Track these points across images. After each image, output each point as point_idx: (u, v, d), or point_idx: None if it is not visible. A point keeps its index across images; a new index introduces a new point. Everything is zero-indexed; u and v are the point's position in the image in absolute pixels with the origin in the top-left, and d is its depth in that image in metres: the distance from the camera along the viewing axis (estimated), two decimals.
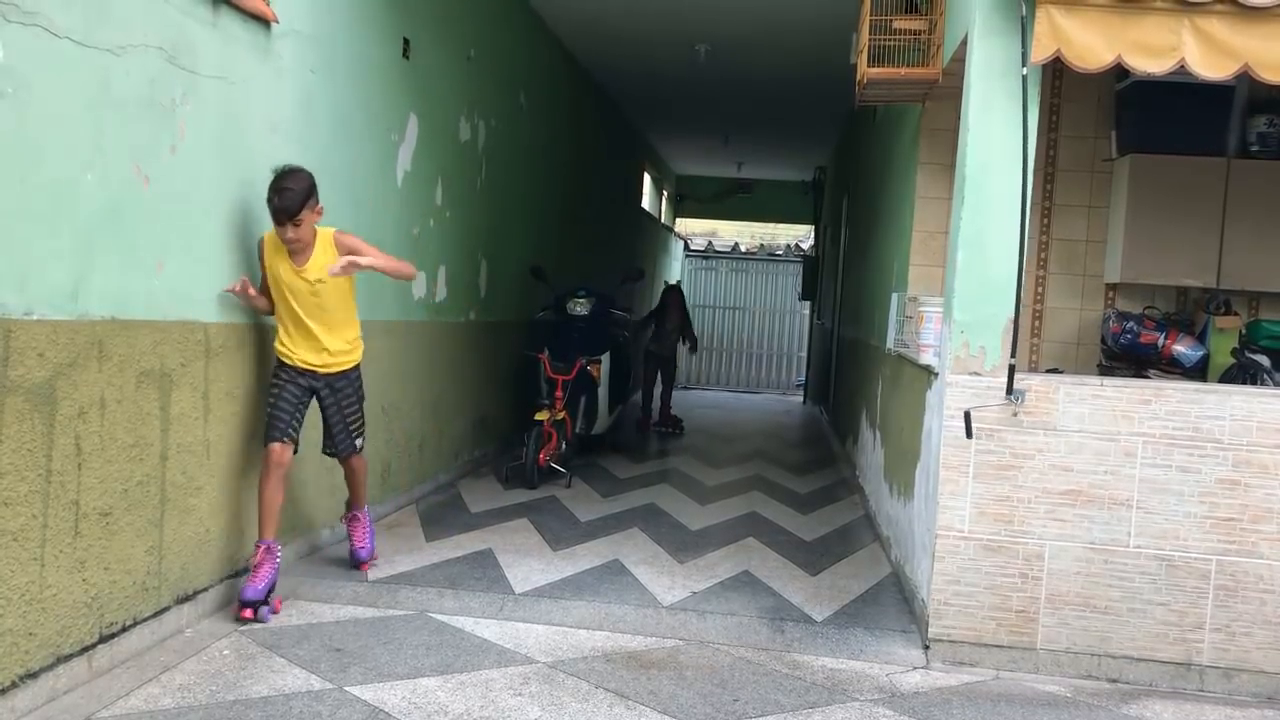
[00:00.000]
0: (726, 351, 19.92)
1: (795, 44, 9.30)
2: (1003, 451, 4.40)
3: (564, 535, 6.20)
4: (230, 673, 3.88)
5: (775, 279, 20.09)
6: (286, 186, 4.30)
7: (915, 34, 5.47)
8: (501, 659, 4.22)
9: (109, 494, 3.73)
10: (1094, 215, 6.10)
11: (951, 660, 4.46)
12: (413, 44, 6.22)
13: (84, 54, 3.47)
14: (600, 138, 12.49)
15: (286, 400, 4.56)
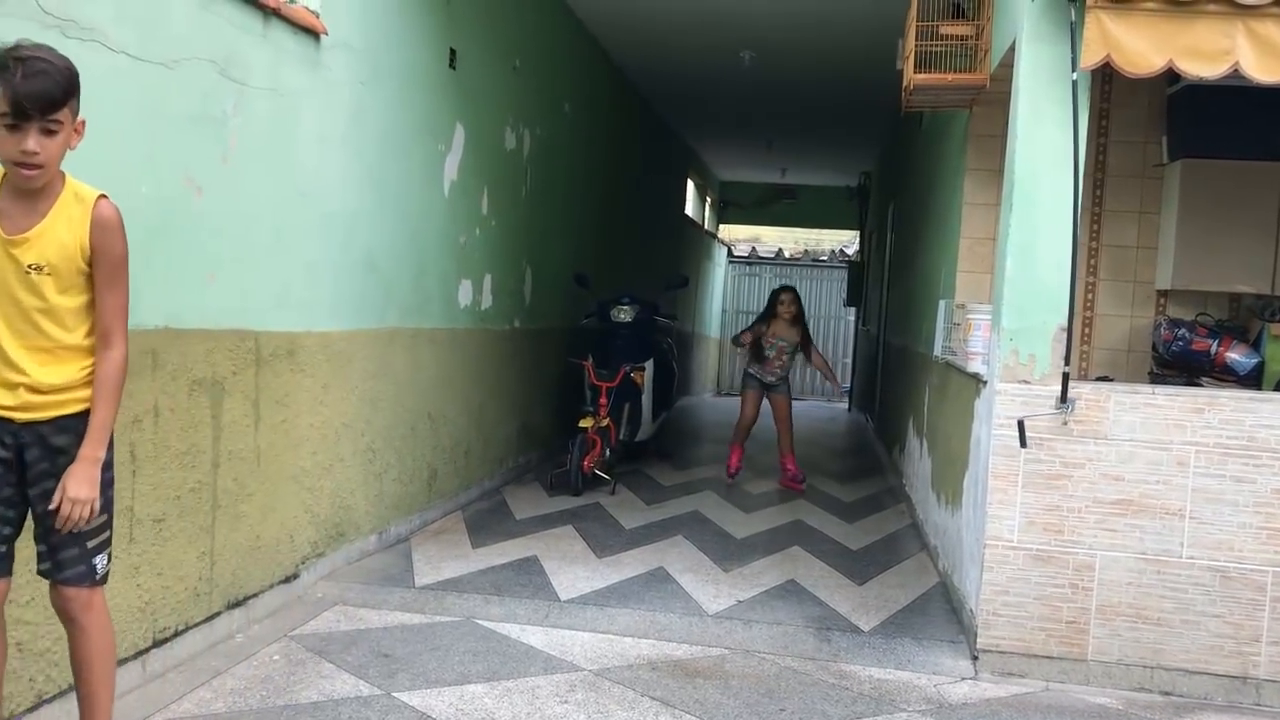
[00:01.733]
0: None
1: (840, 49, 9.27)
2: (1053, 461, 4.35)
3: (609, 542, 6.21)
4: (280, 678, 3.93)
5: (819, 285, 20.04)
6: (41, 58, 2.53)
7: (962, 39, 5.43)
8: (548, 666, 4.23)
9: (162, 500, 3.78)
10: (1145, 221, 6.02)
11: (1000, 671, 4.42)
12: (459, 54, 6.27)
13: (139, 68, 3.53)
14: (643, 145, 12.51)
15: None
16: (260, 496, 4.44)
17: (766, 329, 8.43)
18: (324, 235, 4.84)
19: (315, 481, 4.90)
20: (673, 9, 8.51)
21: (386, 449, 5.66)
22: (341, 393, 5.07)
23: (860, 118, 12.17)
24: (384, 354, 5.53)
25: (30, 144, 2.50)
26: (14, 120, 2.50)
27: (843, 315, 19.33)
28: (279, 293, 4.49)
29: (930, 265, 7.62)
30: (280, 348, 4.51)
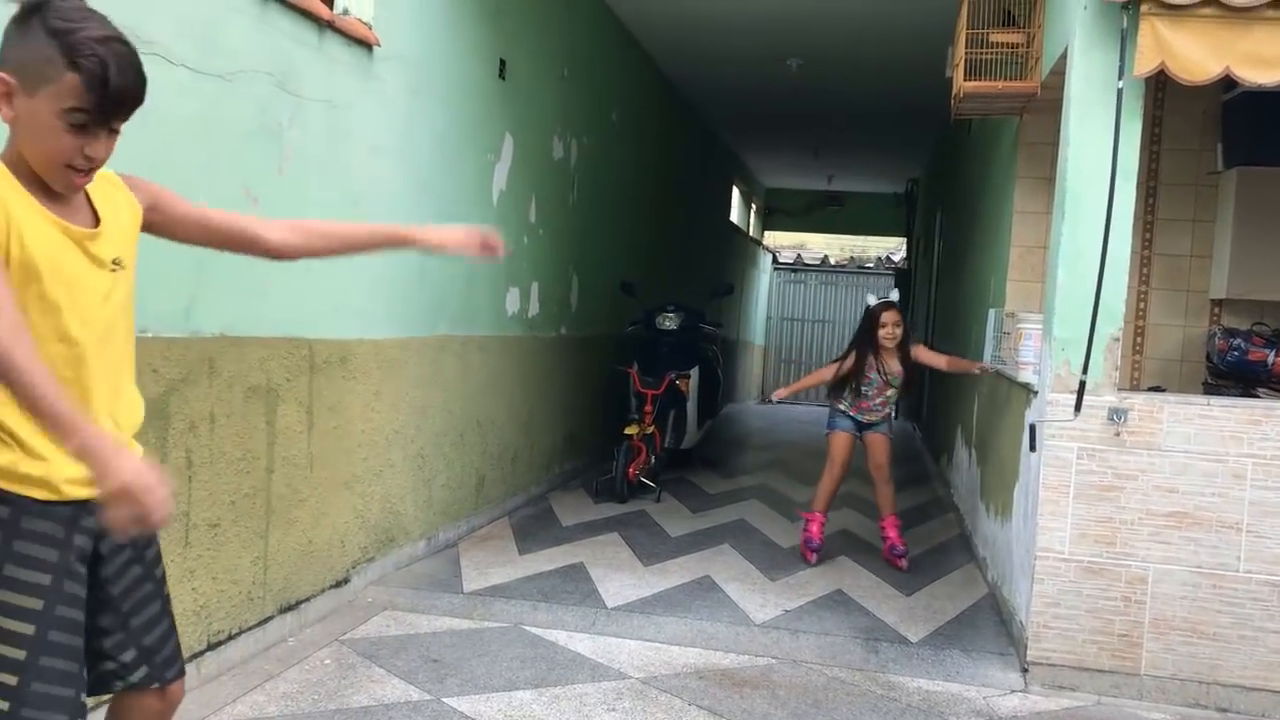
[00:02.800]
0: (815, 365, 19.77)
1: (888, 56, 9.24)
2: (1105, 472, 4.30)
3: (654, 550, 6.22)
4: (331, 682, 3.97)
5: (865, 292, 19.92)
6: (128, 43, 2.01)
7: (1013, 47, 5.39)
8: (595, 674, 4.24)
9: (217, 505, 3.85)
10: (1199, 229, 5.94)
11: (1051, 684, 4.37)
12: (509, 64, 6.32)
13: (197, 80, 3.60)
14: (690, 152, 12.53)
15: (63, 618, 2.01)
16: (313, 502, 4.50)
17: (863, 360, 6.17)
18: None
19: (366, 487, 4.95)
20: (720, 17, 8.52)
21: (436, 455, 5.71)
22: (392, 399, 5.13)
23: (908, 124, 12.12)
24: (434, 361, 5.58)
25: (100, 149, 2.01)
26: (92, 120, 1.96)
27: None
28: (333, 301, 4.54)
29: (979, 273, 7.56)
30: (333, 355, 4.57)
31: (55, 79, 1.91)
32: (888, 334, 6.09)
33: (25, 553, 1.95)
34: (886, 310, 6.17)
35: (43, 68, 1.92)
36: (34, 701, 1.92)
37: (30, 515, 1.96)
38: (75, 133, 1.95)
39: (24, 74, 1.93)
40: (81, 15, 1.96)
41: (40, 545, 1.96)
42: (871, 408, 6.22)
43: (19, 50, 1.94)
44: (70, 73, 1.91)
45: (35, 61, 1.92)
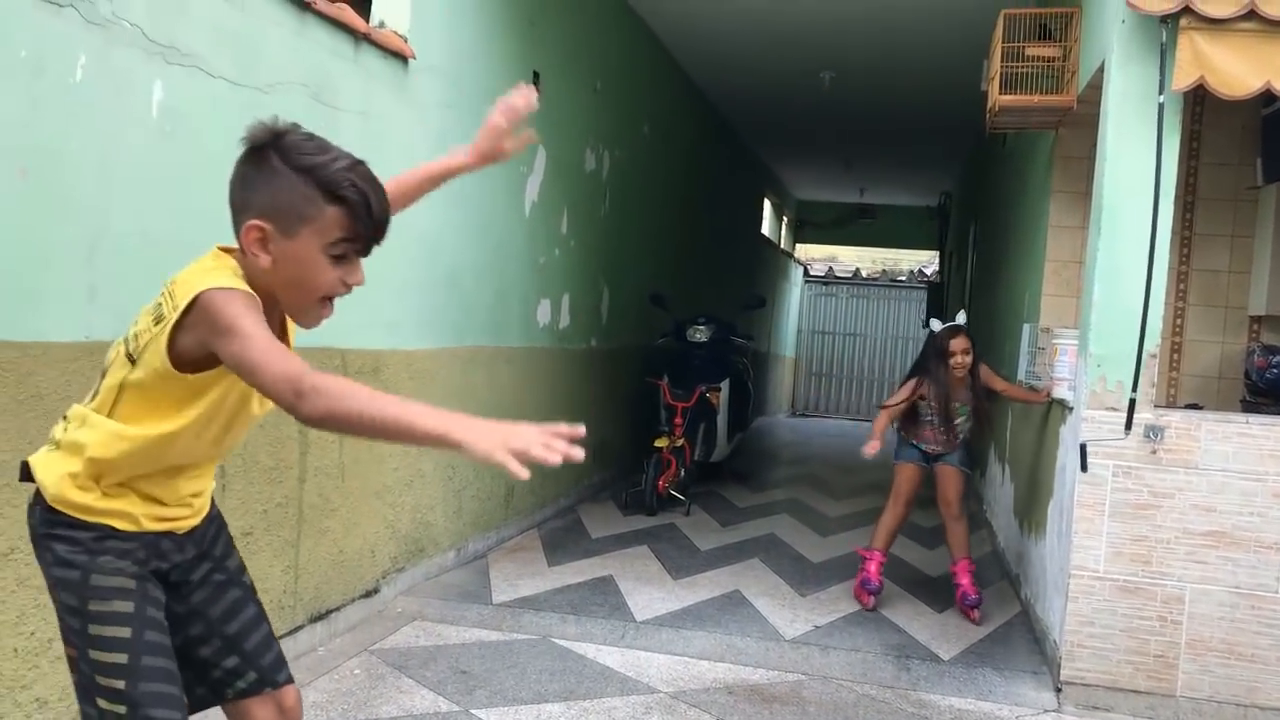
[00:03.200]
0: (846, 379, 19.70)
1: (922, 69, 9.21)
2: (1141, 490, 4.25)
3: (684, 564, 6.20)
4: (361, 692, 3.98)
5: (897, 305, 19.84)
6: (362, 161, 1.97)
7: (1049, 61, 5.36)
8: (624, 687, 4.23)
9: (250, 514, 3.87)
10: (1237, 245, 5.87)
11: (1085, 704, 4.32)
12: (542, 77, 6.34)
13: (236, 93, 3.63)
14: (721, 164, 12.52)
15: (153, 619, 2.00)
16: (344, 511, 4.51)
17: (931, 392, 5.53)
18: (410, 255, 4.92)
19: (396, 497, 4.97)
20: (754, 30, 8.53)
21: (465, 466, 5.72)
22: None
23: (941, 138, 12.07)
24: (465, 372, 5.60)
25: (360, 275, 2.00)
26: (357, 249, 1.97)
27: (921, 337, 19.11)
28: (366, 311, 4.56)
29: (1014, 287, 7.51)
30: (366, 365, 4.59)
31: (316, 216, 1.88)
32: (959, 364, 5.41)
33: (109, 565, 1.97)
34: (954, 337, 5.44)
35: (300, 207, 1.87)
36: (147, 700, 1.94)
37: (111, 538, 1.98)
38: (336, 264, 1.94)
39: (280, 217, 1.87)
40: (318, 147, 1.92)
41: (120, 559, 1.98)
42: (938, 438, 5.60)
43: (268, 194, 1.88)
44: (332, 207, 1.88)
45: (291, 202, 1.87)
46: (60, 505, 1.96)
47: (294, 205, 1.86)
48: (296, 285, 1.93)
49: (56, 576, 1.96)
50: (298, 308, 1.99)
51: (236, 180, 1.93)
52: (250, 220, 1.88)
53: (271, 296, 1.95)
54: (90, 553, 1.96)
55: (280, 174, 1.87)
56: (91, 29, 3.00)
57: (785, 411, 19.01)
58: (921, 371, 5.58)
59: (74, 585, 1.95)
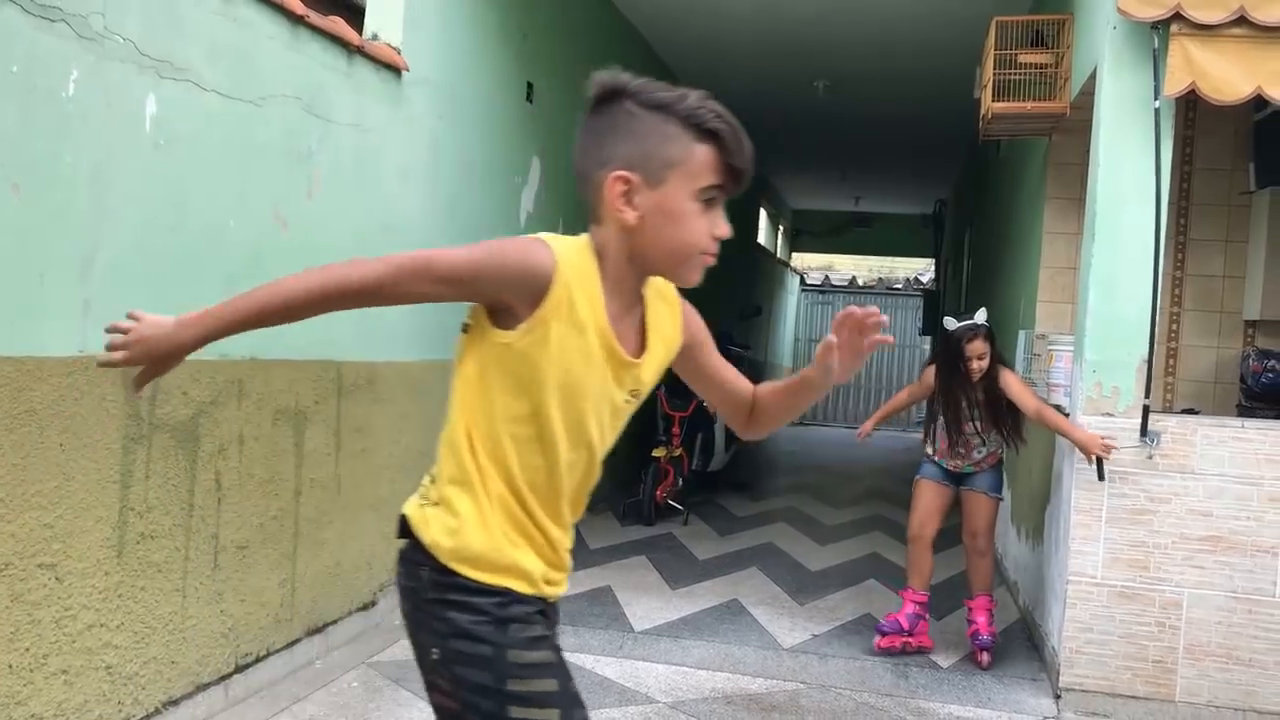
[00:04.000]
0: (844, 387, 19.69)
1: (916, 77, 9.23)
2: (1137, 495, 4.25)
3: (682, 574, 6.20)
4: (358, 704, 3.97)
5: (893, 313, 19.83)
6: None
7: (1041, 68, 5.38)
8: (623, 698, 4.22)
9: (246, 528, 3.86)
10: (1232, 250, 5.88)
11: (1084, 711, 4.31)
12: (536, 88, 6.35)
13: (229, 106, 3.64)
14: None
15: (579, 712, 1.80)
16: (340, 524, 4.51)
17: (947, 398, 4.89)
18: None
19: (393, 509, 4.92)
20: (747, 39, 8.55)
21: None
22: (419, 422, 5.14)
23: (936, 145, 12.09)
24: None
25: (725, 225, 1.77)
26: (724, 192, 1.76)
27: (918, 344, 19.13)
28: (360, 324, 4.56)
29: (1009, 294, 7.51)
30: (361, 377, 4.59)
31: (683, 158, 1.68)
32: (975, 368, 4.75)
33: (523, 637, 1.75)
34: (972, 340, 4.76)
35: (666, 149, 1.68)
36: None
37: (516, 603, 1.76)
38: (705, 213, 1.72)
39: (644, 164, 1.68)
40: (666, 86, 1.73)
41: (529, 626, 1.77)
42: (959, 453, 4.92)
43: (628, 141, 1.69)
44: (701, 145, 1.68)
45: (655, 146, 1.68)
46: (456, 563, 1.74)
47: (659, 148, 1.68)
48: (667, 241, 1.72)
49: (457, 650, 1.73)
50: (676, 267, 1.76)
51: (588, 137, 1.75)
52: (612, 172, 1.68)
53: (628, 271, 1.74)
54: (498, 623, 1.73)
55: (638, 117, 1.69)
56: (84, 43, 3.00)
57: None
58: (939, 376, 4.95)
59: (485, 662, 1.72)
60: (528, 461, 1.75)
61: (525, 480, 1.76)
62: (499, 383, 1.72)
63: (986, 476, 4.93)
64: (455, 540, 1.74)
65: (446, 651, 1.76)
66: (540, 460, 1.76)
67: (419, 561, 1.79)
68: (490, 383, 1.73)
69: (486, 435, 1.74)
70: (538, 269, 1.67)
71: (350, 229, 4.46)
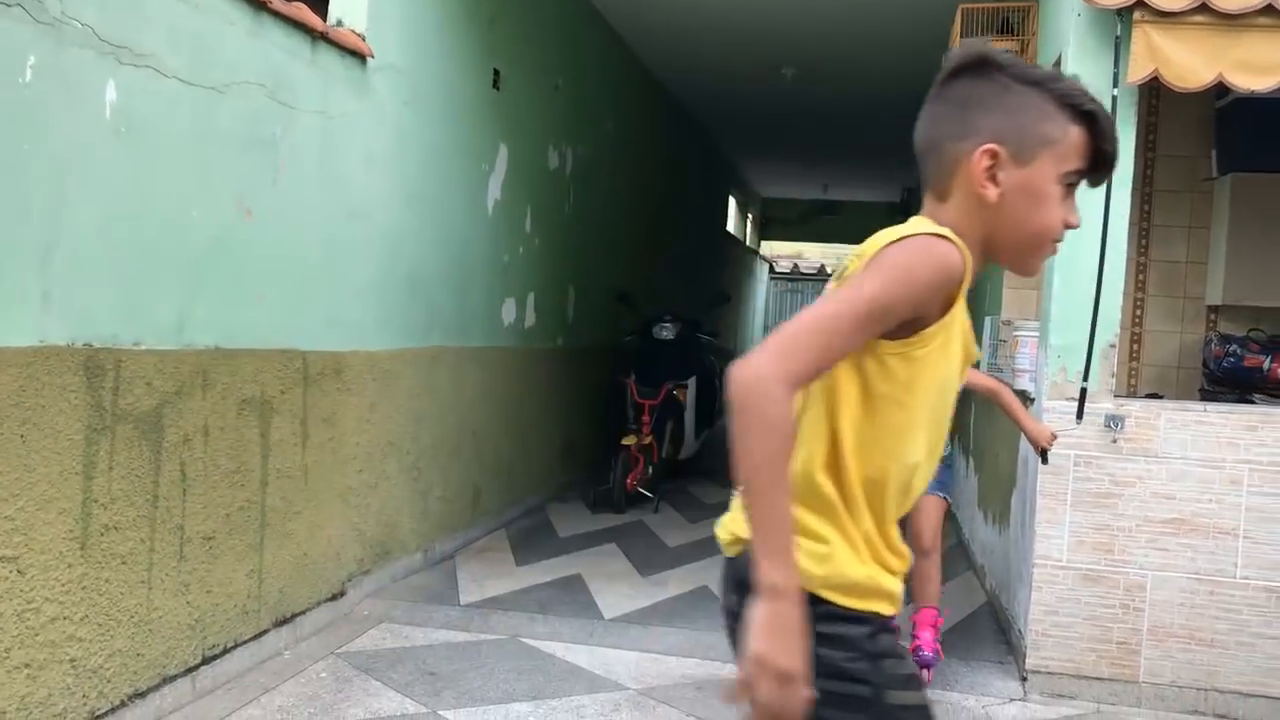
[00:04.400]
0: None
1: (883, 65, 9.25)
2: (1102, 479, 4.30)
3: (652, 561, 6.20)
4: (327, 695, 3.95)
5: None
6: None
7: None
8: (593, 685, 4.22)
9: (212, 519, 3.83)
10: (1194, 236, 5.94)
11: (1050, 692, 4.36)
12: (502, 75, 6.32)
13: (190, 93, 3.59)
14: (685, 163, 12.54)
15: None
16: (307, 514, 4.48)
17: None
18: (371, 255, 4.89)
19: (361, 500, 4.94)
20: (714, 27, 8.53)
21: (431, 467, 5.70)
22: (387, 411, 5.12)
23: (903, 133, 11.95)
24: (429, 373, 5.57)
25: (1076, 216, 1.67)
26: (1087, 180, 1.67)
27: None
28: (327, 312, 4.54)
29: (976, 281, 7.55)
30: (328, 367, 4.56)
31: (1058, 138, 1.60)
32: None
33: (899, 674, 1.63)
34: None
35: (1041, 127, 1.60)
36: None
37: (884, 631, 1.63)
38: (1064, 199, 1.63)
39: (1015, 139, 1.60)
40: (1033, 65, 1.67)
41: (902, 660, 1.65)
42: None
43: (1000, 114, 1.61)
44: (1075, 126, 1.60)
45: (1030, 121, 1.60)
46: (828, 591, 1.60)
47: (1034, 125, 1.60)
48: (1022, 223, 1.63)
49: (828, 691, 1.55)
50: (1020, 252, 1.67)
51: (947, 107, 1.68)
52: (981, 144, 1.60)
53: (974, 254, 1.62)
54: (871, 659, 1.60)
55: (1013, 90, 1.61)
56: (41, 28, 2.96)
57: None
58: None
59: (862, 705, 1.59)
60: (892, 475, 1.63)
61: (889, 494, 1.64)
62: (885, 395, 1.59)
63: (939, 478, 4.43)
64: (828, 567, 1.60)
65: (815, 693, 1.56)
66: (903, 472, 1.65)
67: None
68: (873, 398, 1.59)
69: (855, 453, 1.61)
70: (955, 272, 1.56)
71: (316, 217, 4.42)
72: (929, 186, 1.71)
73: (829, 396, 1.61)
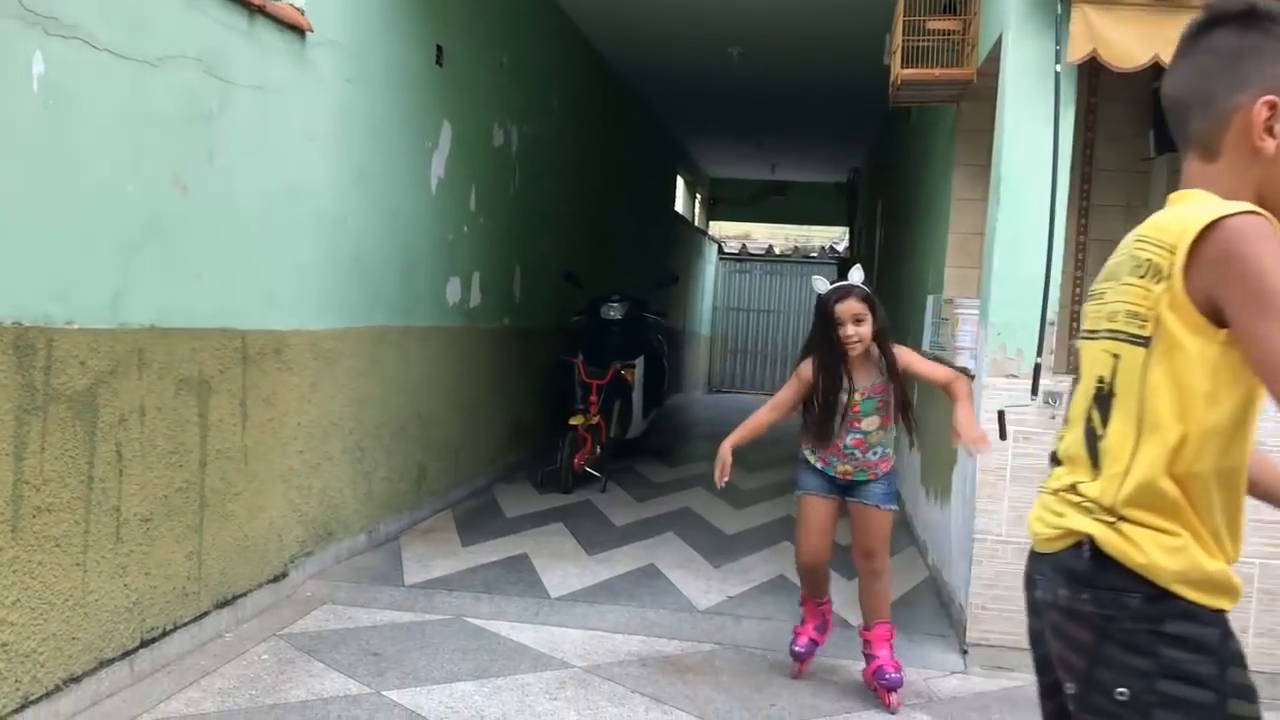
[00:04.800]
0: (761, 354, 19.87)
1: (828, 46, 9.27)
2: (1040, 455, 4.35)
3: (599, 539, 6.21)
4: (269, 677, 3.92)
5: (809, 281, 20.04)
6: None
7: (949, 34, 5.43)
8: (538, 663, 4.22)
9: (149, 500, 3.77)
10: (1132, 215, 6.02)
11: (990, 665, 4.42)
12: (446, 51, 6.26)
13: (123, 66, 3.52)
14: (633, 142, 12.50)
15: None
16: (248, 496, 4.43)
17: (825, 379, 4.02)
18: (311, 234, 4.83)
19: (303, 480, 4.89)
20: (661, 4, 8.50)
21: (375, 448, 5.65)
22: (329, 391, 5.06)
23: (849, 114, 12.18)
24: (372, 352, 5.52)
25: None
26: None
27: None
28: (266, 291, 4.47)
29: (919, 260, 7.62)
30: (267, 346, 4.50)
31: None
32: (850, 337, 3.90)
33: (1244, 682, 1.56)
34: (843, 300, 3.92)
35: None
36: None
37: (1231, 634, 1.58)
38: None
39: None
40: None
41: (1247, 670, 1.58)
42: (847, 454, 4.05)
43: (1274, 64, 1.61)
44: None
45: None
46: (1182, 586, 1.55)
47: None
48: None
49: (1164, 693, 1.51)
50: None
51: (1213, 59, 1.65)
52: (1259, 95, 1.59)
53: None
54: (1221, 664, 1.53)
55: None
56: None
57: (702, 388, 19.11)
58: (814, 353, 4.07)
59: (1203, 712, 1.52)
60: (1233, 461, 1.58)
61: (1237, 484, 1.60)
62: (1226, 381, 1.53)
63: (880, 485, 4.06)
64: (1182, 561, 1.55)
65: (1147, 694, 1.50)
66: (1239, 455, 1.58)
67: (1124, 588, 1.57)
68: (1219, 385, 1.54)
69: (1199, 440, 1.56)
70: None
71: (254, 194, 4.35)
72: (1192, 145, 1.69)
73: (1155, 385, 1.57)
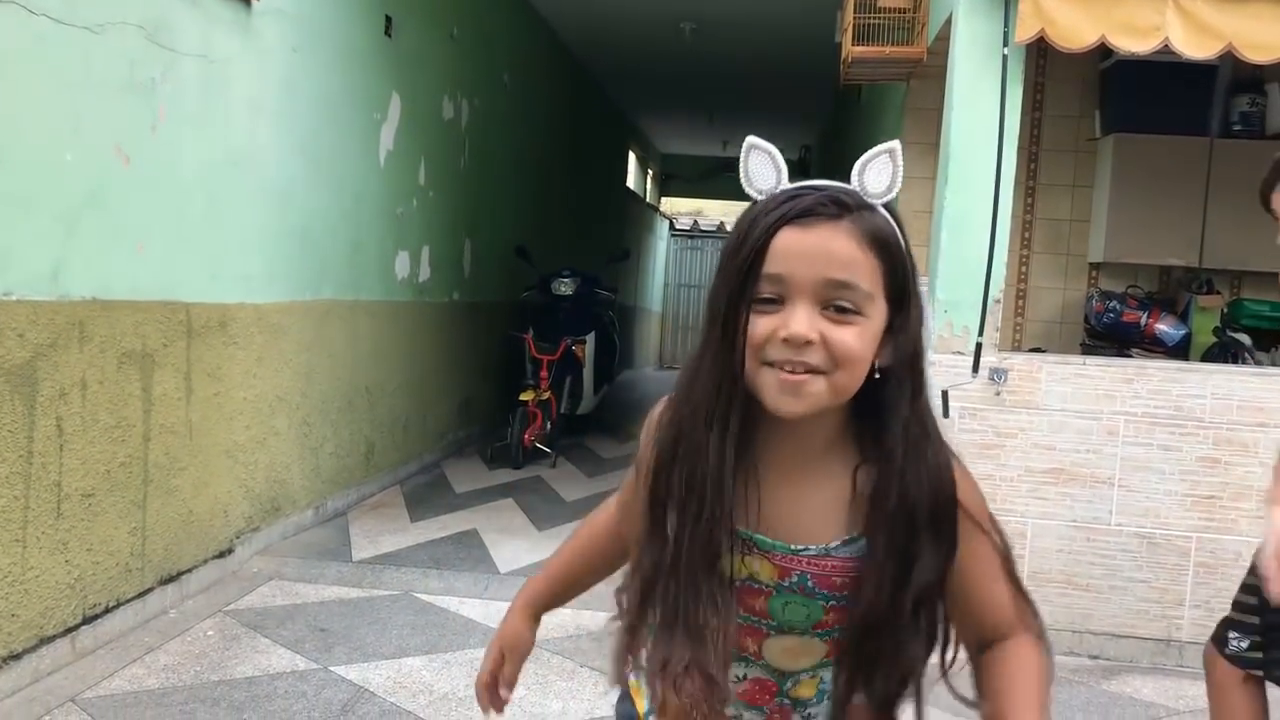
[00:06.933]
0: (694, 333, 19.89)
1: (781, 22, 9.27)
2: (986, 430, 4.41)
3: (549, 515, 6.21)
4: (215, 653, 3.88)
5: None
6: None
7: (900, 12, 5.45)
8: (487, 638, 4.19)
9: (91, 475, 3.71)
10: (1078, 195, 6.11)
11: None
12: (395, 22, 6.18)
13: (62, 32, 3.43)
14: (585, 117, 12.44)
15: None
16: (193, 471, 4.37)
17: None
18: (257, 206, 4.76)
19: (249, 455, 4.83)
20: None
21: (323, 422, 5.60)
22: (276, 365, 5.01)
23: (801, 91, 12.20)
24: (319, 326, 5.46)
25: None
26: None
27: None
28: (211, 264, 4.41)
29: None
30: (212, 319, 4.43)
31: None
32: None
33: None
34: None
35: None
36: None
37: None
38: None
39: None
40: None
41: None
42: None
43: None
44: None
45: None
46: None
47: None
48: None
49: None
50: None
51: None
52: None
53: None
54: None
55: None
56: None
57: (653, 364, 19.14)
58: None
59: None
60: None
61: None
62: None
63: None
64: None
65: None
66: None
67: None
68: None
69: None
70: None
71: (199, 165, 4.28)
72: None
73: None
